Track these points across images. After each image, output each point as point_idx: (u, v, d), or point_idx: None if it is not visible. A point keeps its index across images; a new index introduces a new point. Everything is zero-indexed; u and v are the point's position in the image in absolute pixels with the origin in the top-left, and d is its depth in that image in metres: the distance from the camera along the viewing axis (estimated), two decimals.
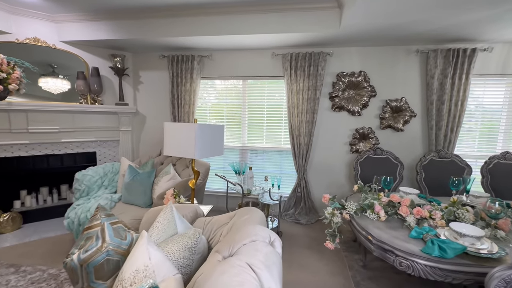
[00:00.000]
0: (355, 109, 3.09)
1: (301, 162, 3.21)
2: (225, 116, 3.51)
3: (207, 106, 3.54)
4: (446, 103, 2.84)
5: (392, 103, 3.00)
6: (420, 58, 2.95)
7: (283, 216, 3.32)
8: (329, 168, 3.28)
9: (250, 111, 3.44)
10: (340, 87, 3.08)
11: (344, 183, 3.27)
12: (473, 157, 2.97)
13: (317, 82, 3.05)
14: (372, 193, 1.89)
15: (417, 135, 3.05)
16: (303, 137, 3.15)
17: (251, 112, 3.44)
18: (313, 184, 3.34)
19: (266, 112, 3.40)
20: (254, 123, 3.45)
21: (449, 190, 2.58)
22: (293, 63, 3.07)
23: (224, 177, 2.64)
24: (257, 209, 1.44)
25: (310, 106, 3.10)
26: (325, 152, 3.26)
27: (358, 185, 1.97)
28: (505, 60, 2.82)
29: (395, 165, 2.66)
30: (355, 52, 3.05)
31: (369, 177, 2.68)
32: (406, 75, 3.00)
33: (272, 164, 3.49)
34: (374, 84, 3.02)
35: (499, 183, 2.46)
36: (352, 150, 3.17)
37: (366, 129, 3.09)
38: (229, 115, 3.51)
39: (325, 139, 3.25)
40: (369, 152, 2.75)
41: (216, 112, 3.53)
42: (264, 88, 3.39)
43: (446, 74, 2.81)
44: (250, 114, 3.44)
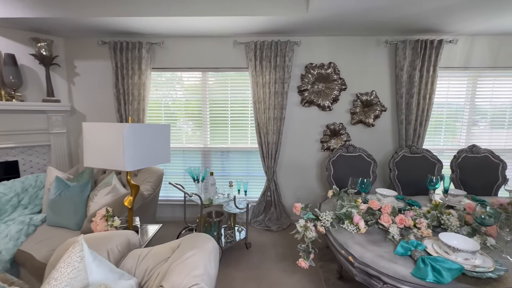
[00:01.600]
0: (326, 104, 2.88)
1: (270, 163, 2.91)
2: (183, 113, 3.06)
3: (162, 102, 3.05)
4: (415, 97, 2.76)
5: (363, 97, 2.84)
6: (389, 50, 2.82)
7: (252, 223, 3.00)
8: (300, 168, 3.04)
9: (212, 108, 3.04)
10: (309, 80, 2.83)
11: (316, 185, 3.06)
12: (439, 151, 2.95)
13: (284, 75, 2.76)
14: (348, 198, 1.65)
15: (388, 130, 2.94)
16: (271, 135, 2.85)
17: (213, 109, 3.04)
18: (283, 186, 3.07)
19: (230, 109, 3.03)
20: (217, 121, 3.06)
21: (422, 187, 2.49)
22: (257, 53, 2.74)
23: (179, 186, 2.23)
24: (208, 238, 1.08)
25: (278, 101, 2.81)
26: (296, 151, 3.01)
27: (333, 190, 1.72)
28: (468, 53, 2.81)
29: (368, 163, 2.50)
30: (324, 42, 2.82)
31: (343, 178, 2.48)
32: (376, 68, 2.85)
33: (238, 166, 3.15)
34: (344, 76, 2.83)
35: (468, 176, 2.42)
36: (324, 147, 2.96)
37: (337, 125, 2.90)
38: (188, 113, 3.07)
39: (295, 136, 2.99)
40: (341, 150, 2.55)
41: (171, 109, 3.06)
42: (227, 81, 3.01)
43: (414, 66, 2.71)
44: (212, 111, 3.05)
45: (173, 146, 3.07)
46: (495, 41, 2.78)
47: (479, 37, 2.78)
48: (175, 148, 3.09)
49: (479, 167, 2.45)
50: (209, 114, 3.05)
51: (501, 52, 2.80)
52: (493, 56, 2.81)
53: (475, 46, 2.80)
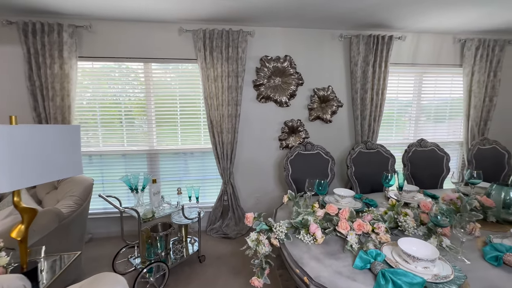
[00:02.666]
0: (283, 100, 2.72)
1: (226, 164, 2.66)
2: (124, 111, 2.63)
3: (96, 98, 2.57)
4: (369, 92, 2.76)
5: (320, 92, 2.76)
6: (344, 44, 2.77)
7: (208, 231, 2.73)
8: (259, 169, 2.85)
9: (159, 104, 2.67)
10: (265, 73, 2.64)
11: (276, 185, 2.91)
12: (391, 145, 3.02)
13: (238, 68, 2.52)
14: (305, 204, 1.50)
15: (345, 126, 2.92)
16: (226, 134, 2.60)
17: (160, 106, 2.67)
18: (241, 188, 2.85)
19: (179, 105, 2.69)
20: (165, 120, 2.70)
21: (377, 183, 2.50)
22: (207, 43, 2.45)
23: (112, 199, 1.85)
24: (115, 281, 0.80)
25: (232, 96, 2.56)
26: (253, 150, 2.81)
27: (288, 195, 1.54)
28: (415, 50, 2.91)
29: (326, 160, 2.41)
30: (280, 33, 2.65)
31: (301, 177, 2.35)
32: (331, 62, 2.78)
33: (192, 169, 2.83)
34: (301, 71, 2.70)
35: (417, 170, 2.49)
36: (282, 146, 2.81)
37: (295, 121, 2.77)
38: (130, 110, 2.64)
39: (252, 135, 2.79)
40: (299, 148, 2.42)
41: (108, 107, 2.60)
42: (175, 74, 2.66)
43: (368, 61, 2.70)
44: (158, 108, 2.67)
45: (111, 150, 2.63)
46: (437, 39, 2.92)
47: (424, 34, 2.89)
48: (114, 152, 2.64)
49: (427, 160, 2.55)
50: (155, 111, 2.67)
51: (443, 50, 2.96)
52: (436, 54, 2.95)
53: (420, 44, 2.90)
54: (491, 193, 1.48)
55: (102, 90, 2.57)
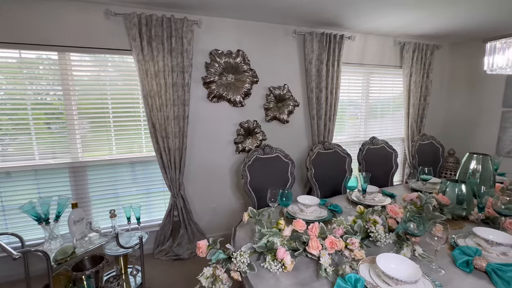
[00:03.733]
0: (237, 99, 2.47)
1: (174, 174, 2.29)
2: (30, 114, 2.01)
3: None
4: (323, 91, 2.72)
5: (276, 91, 2.60)
6: (298, 41, 2.67)
7: (156, 254, 2.32)
8: (214, 176, 2.55)
9: (83, 105, 2.13)
10: (216, 70, 2.35)
11: (234, 194, 2.65)
12: (344, 144, 3.07)
13: (184, 62, 2.17)
14: (269, 221, 1.28)
15: (301, 126, 2.83)
16: (173, 138, 2.23)
17: (85, 107, 2.14)
18: (195, 200, 2.51)
19: (112, 106, 2.21)
20: (92, 124, 2.18)
21: (337, 184, 2.47)
22: (144, 30, 2.04)
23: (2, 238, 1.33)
24: None
25: (178, 95, 2.20)
26: (206, 155, 2.50)
27: (249, 213, 1.30)
28: (363, 50, 3.00)
29: (286, 164, 2.26)
30: (231, 25, 2.39)
31: (261, 184, 2.15)
32: (286, 59, 2.65)
33: (131, 183, 2.37)
34: (255, 67, 2.50)
35: (371, 168, 2.54)
36: (239, 149, 2.57)
37: (252, 122, 2.56)
38: (40, 113, 2.04)
39: (204, 138, 2.47)
40: (258, 151, 2.22)
41: (9, 107, 1.96)
42: (103, 68, 2.16)
43: (321, 60, 2.66)
44: (83, 110, 2.14)
45: (15, 166, 1.99)
46: (381, 41, 3.07)
47: (370, 36, 2.99)
48: (21, 168, 2.01)
49: (379, 157, 2.63)
50: (78, 114, 2.13)
51: (386, 52, 3.12)
52: (380, 55, 3.10)
53: (367, 45, 3.00)
54: (445, 190, 1.50)
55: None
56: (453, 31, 2.92)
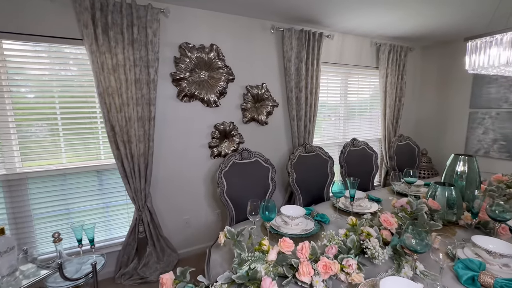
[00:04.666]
0: (211, 98, 2.24)
1: (139, 184, 1.99)
2: None
3: None
4: (303, 91, 2.59)
5: (253, 90, 2.41)
6: (276, 38, 2.52)
7: (117, 279, 1.99)
8: (187, 184, 2.28)
9: (20, 105, 1.75)
10: (187, 65, 2.10)
11: (208, 205, 2.40)
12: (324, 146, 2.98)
13: (149, 55, 1.89)
14: (250, 242, 1.08)
15: (281, 127, 2.68)
16: (136, 143, 1.94)
17: (23, 107, 1.76)
18: (164, 213, 2.22)
19: (59, 106, 1.85)
20: (34, 128, 1.80)
21: (319, 188, 2.35)
22: (98, 16, 1.73)
23: None
24: None
25: (143, 93, 1.92)
26: (177, 162, 2.22)
27: (225, 233, 1.08)
28: (341, 50, 2.94)
29: (266, 169, 2.08)
30: (203, 17, 2.16)
31: (239, 192, 1.94)
32: (264, 57, 2.48)
33: (86, 196, 2.01)
34: (231, 64, 2.29)
35: (352, 170, 2.47)
36: (214, 154, 2.33)
37: (228, 124, 2.34)
38: None
39: (174, 142, 2.20)
40: (235, 156, 2.00)
41: None
42: (48, 60, 1.80)
43: (301, 58, 2.53)
44: (21, 110, 1.76)
45: None
46: (358, 42, 3.03)
47: (348, 36, 2.94)
48: None
49: (360, 159, 2.56)
50: (15, 115, 1.74)
51: (363, 52, 3.10)
52: (358, 55, 3.07)
53: (345, 44, 2.95)
54: (435, 194, 1.42)
55: None
56: (424, 34, 2.98)
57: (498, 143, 3.00)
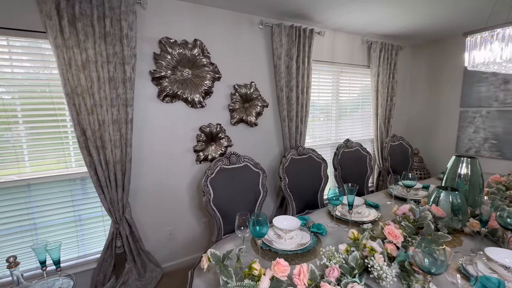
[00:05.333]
0: (196, 98, 2.07)
1: (116, 194, 1.79)
2: None
3: None
4: (294, 90, 2.46)
5: (242, 89, 2.26)
6: (265, 33, 2.37)
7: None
8: (169, 194, 2.10)
9: None
10: (169, 62, 1.92)
11: (193, 215, 2.22)
12: (315, 148, 2.87)
13: (124, 51, 1.70)
14: (239, 266, 0.93)
15: (271, 129, 2.54)
16: (112, 149, 1.74)
17: None
18: (145, 224, 2.03)
19: (20, 108, 1.63)
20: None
21: (312, 192, 2.22)
22: (64, 6, 1.52)
23: None
24: None
25: (118, 93, 1.72)
26: (158, 168, 2.04)
27: (209, 256, 0.92)
28: (333, 48, 2.83)
29: (256, 174, 1.93)
30: (185, 9, 1.99)
31: (227, 200, 1.78)
32: (253, 54, 2.34)
33: (54, 209, 1.79)
34: (217, 61, 2.12)
35: (346, 172, 2.36)
36: (200, 158, 2.16)
37: (214, 126, 2.18)
38: None
39: (156, 147, 2.01)
40: (222, 161, 1.84)
41: None
42: (7, 56, 1.58)
43: (291, 55, 2.40)
44: None
45: None
46: (350, 40, 2.94)
47: (339, 33, 2.84)
48: None
49: (354, 160, 2.46)
50: None
51: (354, 51, 3.01)
52: (349, 54, 2.97)
53: (337, 42, 2.85)
54: (439, 200, 1.32)
55: None
56: (415, 32, 2.93)
57: (489, 142, 2.98)
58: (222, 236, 1.74)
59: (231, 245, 1.24)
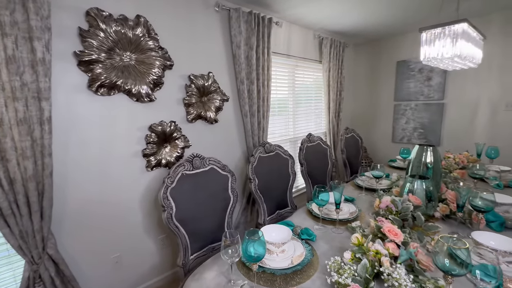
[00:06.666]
0: (142, 90, 1.67)
1: (31, 224, 1.27)
2: None
3: None
4: (255, 83, 2.28)
5: (198, 81, 1.95)
6: (222, 18, 2.11)
7: None
8: (114, 211, 1.65)
9: None
10: (102, 42, 1.47)
11: (147, 234, 1.82)
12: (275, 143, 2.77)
13: (30, 20, 1.19)
14: None
15: (233, 125, 2.30)
16: (19, 161, 1.22)
17: None
18: (79, 258, 1.53)
19: None
20: None
21: (281, 192, 2.10)
22: None
23: None
24: None
25: (24, 81, 1.21)
26: (96, 181, 1.56)
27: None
28: (289, 41, 2.76)
29: (225, 178, 1.67)
30: None
31: (194, 212, 1.48)
32: (209, 40, 2.04)
33: None
34: (167, 46, 1.76)
35: (312, 167, 2.33)
36: (151, 164, 1.77)
37: (167, 124, 1.81)
38: None
39: (90, 153, 1.53)
40: (184, 166, 1.52)
41: None
42: None
43: (251, 45, 2.21)
44: None
45: None
46: (303, 33, 2.93)
47: (295, 26, 2.80)
48: None
49: (316, 155, 2.45)
50: None
51: (308, 45, 3.02)
52: (303, 48, 2.97)
53: (293, 35, 2.79)
54: (414, 189, 1.35)
55: None
56: (358, 31, 3.13)
57: (417, 131, 3.44)
58: (189, 256, 1.44)
59: (214, 273, 0.98)
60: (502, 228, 1.24)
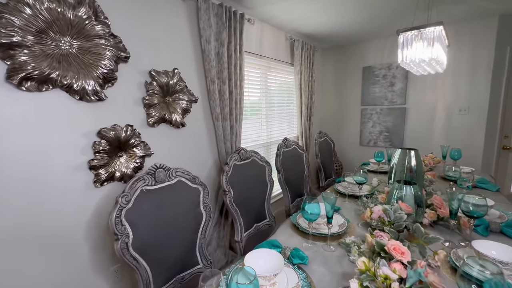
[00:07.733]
0: (88, 86, 1.33)
1: None
2: None
3: None
4: (227, 83, 2.07)
5: (161, 78, 1.66)
6: (189, 8, 1.86)
7: None
8: (49, 242, 1.27)
9: None
10: (28, 22, 1.12)
11: (93, 273, 1.46)
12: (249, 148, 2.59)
13: None
14: None
15: (202, 130, 2.04)
16: None
17: None
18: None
19: None
20: None
21: (260, 204, 1.90)
22: None
23: None
24: None
25: None
26: (24, 204, 1.18)
27: None
28: (261, 40, 2.62)
29: (195, 192, 1.42)
30: None
31: (157, 243, 1.20)
32: (175, 31, 1.77)
33: None
34: (122, 34, 1.45)
35: (289, 174, 2.19)
36: (100, 179, 1.42)
37: (122, 129, 1.49)
38: None
39: (12, 167, 1.15)
40: (144, 180, 1.22)
41: None
42: None
43: (222, 40, 2.00)
44: None
45: None
46: (275, 34, 2.82)
47: (267, 26, 2.67)
48: None
49: (293, 160, 2.32)
50: None
51: (280, 47, 2.91)
52: (276, 49, 2.85)
53: (265, 35, 2.65)
54: (404, 196, 1.27)
55: None
56: (325, 35, 3.14)
57: (383, 134, 3.57)
58: None
59: None
60: (487, 232, 1.22)
